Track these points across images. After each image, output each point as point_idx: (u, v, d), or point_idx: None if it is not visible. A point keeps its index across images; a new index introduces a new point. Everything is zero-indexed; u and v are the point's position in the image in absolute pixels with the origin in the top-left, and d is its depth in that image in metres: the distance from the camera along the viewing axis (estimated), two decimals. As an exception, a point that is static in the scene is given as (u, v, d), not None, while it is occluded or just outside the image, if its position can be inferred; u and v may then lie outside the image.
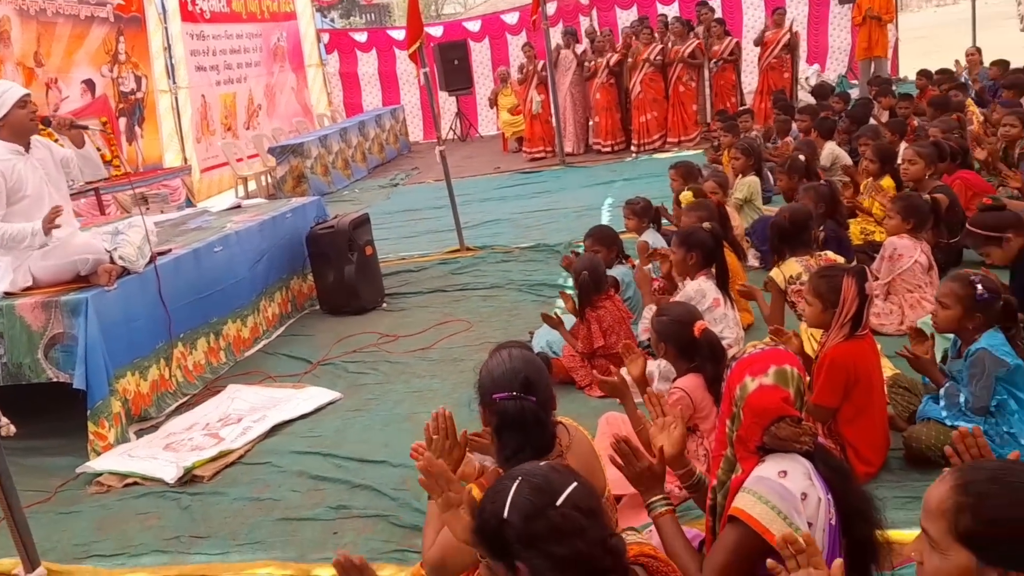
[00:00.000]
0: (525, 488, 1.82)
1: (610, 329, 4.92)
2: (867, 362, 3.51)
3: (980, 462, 1.72)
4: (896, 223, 5.27)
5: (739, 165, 7.59)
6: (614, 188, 10.79)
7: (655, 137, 13.25)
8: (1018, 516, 1.56)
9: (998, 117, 7.73)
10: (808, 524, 2.21)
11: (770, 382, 2.37)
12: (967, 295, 3.51)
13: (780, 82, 12.89)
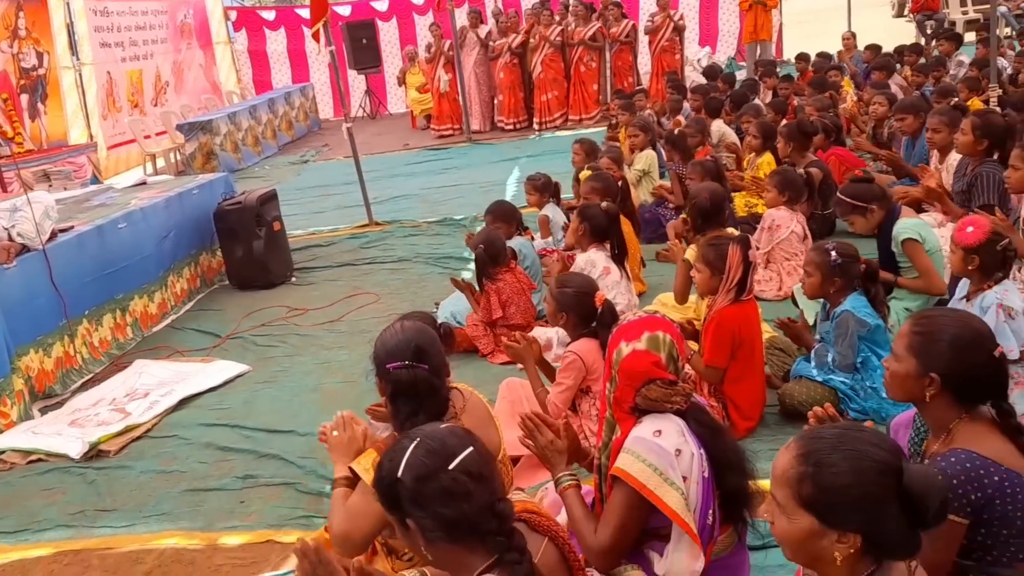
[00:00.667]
0: (421, 450, 1.82)
1: (509, 300, 4.94)
2: (751, 325, 3.63)
3: (822, 430, 1.77)
4: (773, 196, 5.43)
5: (637, 142, 7.68)
6: (519, 164, 10.82)
7: (557, 115, 13.32)
8: (853, 483, 1.61)
9: (868, 97, 8.03)
10: (683, 478, 2.28)
11: (643, 347, 2.43)
12: (824, 262, 3.68)
13: (672, 63, 13.09)
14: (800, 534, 1.67)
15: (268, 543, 3.43)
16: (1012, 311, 3.63)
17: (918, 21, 16.68)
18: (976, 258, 3.65)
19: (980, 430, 2.28)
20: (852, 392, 3.70)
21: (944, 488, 1.64)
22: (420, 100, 15.07)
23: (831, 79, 9.58)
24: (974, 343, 2.28)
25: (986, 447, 2.23)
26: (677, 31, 13.29)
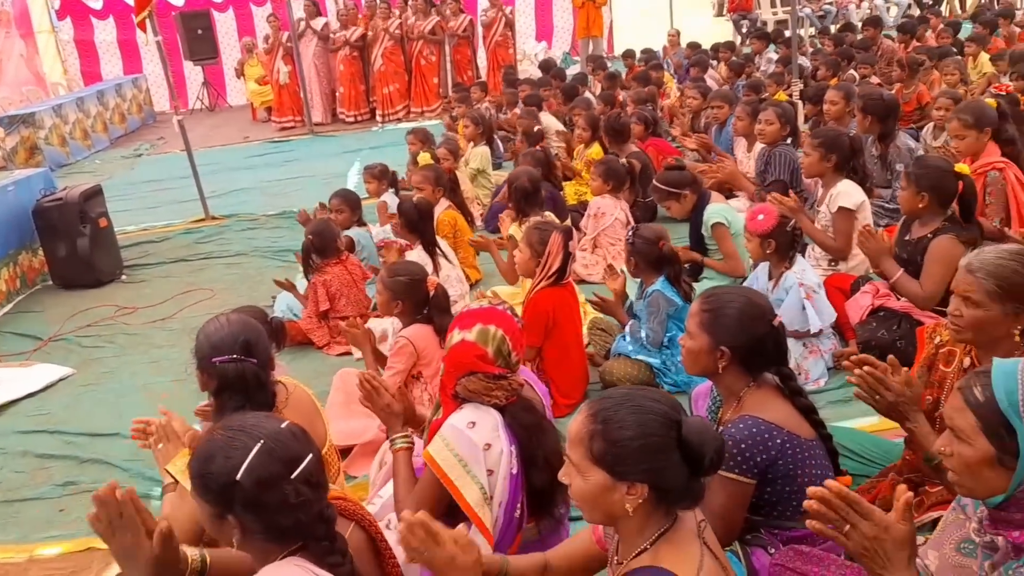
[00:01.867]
0: (265, 454, 1.72)
1: (338, 293, 4.85)
2: (566, 307, 3.71)
3: (609, 391, 1.84)
4: (598, 185, 5.58)
5: (469, 133, 7.72)
6: (360, 156, 10.63)
7: (399, 108, 13.19)
8: (637, 435, 1.68)
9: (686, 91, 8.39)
10: (489, 472, 2.30)
11: (472, 338, 2.43)
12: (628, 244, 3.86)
13: (507, 58, 13.22)
14: (595, 489, 1.72)
15: (88, 551, 3.23)
16: (812, 289, 3.90)
17: (734, 21, 17.56)
18: (772, 242, 3.89)
19: (766, 397, 2.43)
20: (664, 367, 3.86)
21: (718, 438, 1.73)
22: (260, 92, 14.54)
23: (653, 75, 9.93)
24: (757, 315, 2.42)
25: (771, 413, 2.37)
26: (509, 26, 13.42)
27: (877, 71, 9.24)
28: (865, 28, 11.52)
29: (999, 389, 1.66)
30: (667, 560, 1.69)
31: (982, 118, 4.61)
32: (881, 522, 1.74)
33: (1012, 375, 1.67)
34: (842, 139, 4.50)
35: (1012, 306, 2.39)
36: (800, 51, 11.06)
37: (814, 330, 3.82)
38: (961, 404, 1.72)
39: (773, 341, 2.42)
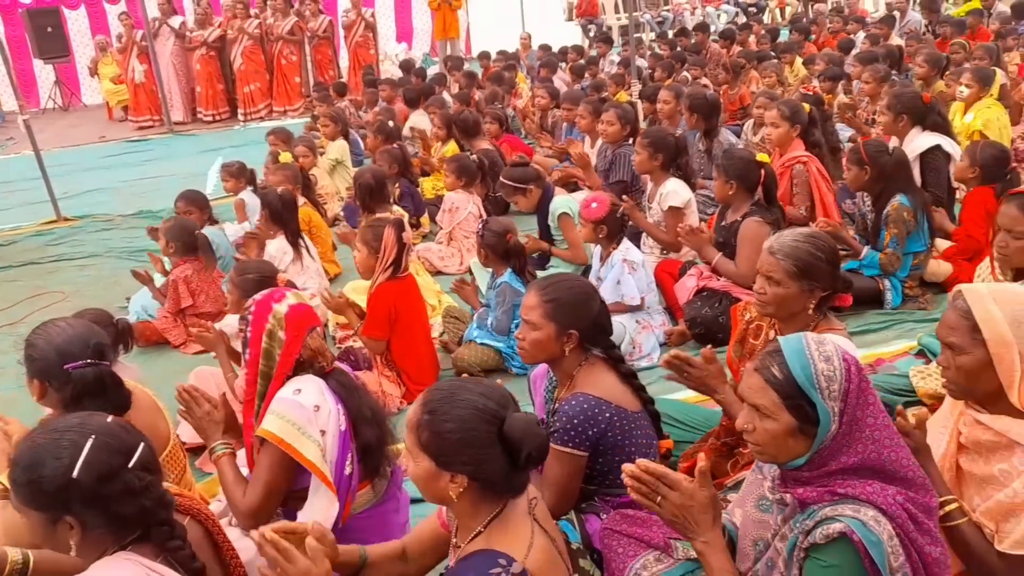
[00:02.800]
0: (101, 450, 1.65)
1: (198, 289, 4.66)
2: (408, 298, 3.68)
3: (442, 383, 1.84)
4: (452, 180, 5.59)
5: (329, 132, 7.55)
6: (222, 154, 10.18)
7: (261, 106, 12.76)
8: (459, 428, 1.70)
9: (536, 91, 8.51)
10: (322, 432, 2.28)
11: (295, 302, 2.42)
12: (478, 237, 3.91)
13: (368, 58, 13.02)
14: (424, 474, 1.74)
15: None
16: (634, 264, 4.04)
17: (582, 25, 17.94)
18: (604, 228, 4.01)
19: (596, 373, 2.51)
20: (512, 352, 3.92)
21: (540, 435, 1.74)
22: (115, 91, 13.71)
23: (507, 75, 10.02)
24: (590, 295, 2.51)
25: (600, 388, 2.45)
26: (369, 28, 13.22)
27: (707, 73, 9.67)
28: (696, 33, 12.02)
29: (795, 367, 1.75)
30: (499, 542, 1.72)
31: (796, 115, 4.91)
32: (687, 491, 1.83)
33: (802, 352, 1.77)
34: (668, 139, 4.68)
35: (807, 283, 2.57)
36: (639, 54, 11.44)
37: (634, 302, 3.95)
38: (762, 383, 1.79)
39: (605, 316, 2.51)
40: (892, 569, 1.68)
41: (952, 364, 2.05)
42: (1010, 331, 1.96)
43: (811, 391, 1.72)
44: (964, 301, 2.03)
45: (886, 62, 7.87)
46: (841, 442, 1.74)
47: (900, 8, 12.13)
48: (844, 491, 1.73)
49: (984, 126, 6.01)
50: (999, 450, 2.03)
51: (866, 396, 1.76)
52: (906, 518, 1.72)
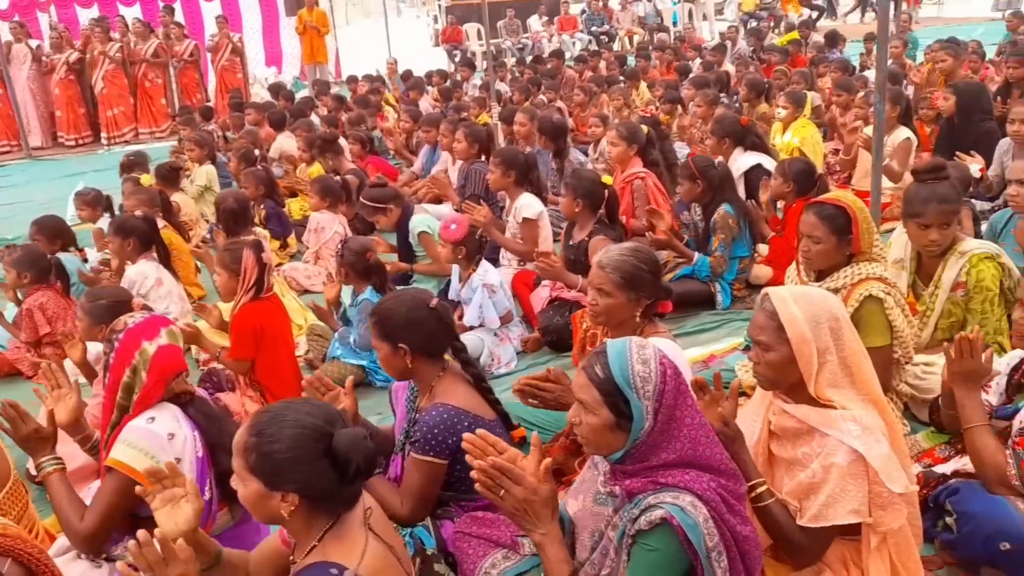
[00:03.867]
0: None
1: (55, 316, 4.34)
2: (272, 318, 3.57)
3: (271, 405, 1.80)
4: (316, 201, 5.47)
5: (195, 156, 7.24)
6: (84, 179, 9.56)
7: (126, 130, 12.08)
8: (286, 448, 1.66)
9: (404, 114, 8.47)
10: (177, 459, 2.20)
11: (165, 342, 2.30)
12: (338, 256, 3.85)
13: (235, 82, 12.60)
14: (254, 496, 1.69)
15: None
16: (494, 287, 4.08)
17: (447, 51, 18.04)
18: (463, 248, 4.04)
19: (453, 384, 2.52)
20: (375, 367, 3.87)
21: (367, 448, 1.72)
22: (-33, 116, 12.62)
23: (374, 99, 9.92)
24: (414, 306, 2.50)
25: (458, 398, 2.46)
26: (236, 52, 12.80)
27: (562, 96, 9.92)
28: (552, 59, 12.31)
29: (614, 367, 1.82)
30: (333, 554, 1.69)
31: (633, 135, 5.11)
32: (530, 486, 1.86)
33: (623, 355, 1.84)
34: (518, 157, 4.77)
35: (633, 293, 2.66)
36: (500, 78, 11.61)
37: (495, 325, 4.00)
38: (586, 381, 1.86)
39: (437, 321, 2.50)
40: (708, 548, 1.76)
41: (762, 359, 2.18)
42: (809, 330, 2.10)
43: (627, 390, 1.79)
44: (771, 303, 2.16)
45: (716, 86, 8.33)
46: (659, 439, 1.82)
47: (731, 38, 12.87)
48: (665, 480, 1.81)
49: (801, 143, 6.45)
50: (802, 435, 2.16)
51: (683, 398, 1.84)
52: (719, 502, 1.81)
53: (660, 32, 15.86)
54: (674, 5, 19.46)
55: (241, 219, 4.93)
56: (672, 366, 1.86)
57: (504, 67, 12.89)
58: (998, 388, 2.58)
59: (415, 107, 8.82)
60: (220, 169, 7.63)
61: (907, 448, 2.30)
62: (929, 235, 3.18)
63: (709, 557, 1.76)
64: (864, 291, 2.92)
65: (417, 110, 8.49)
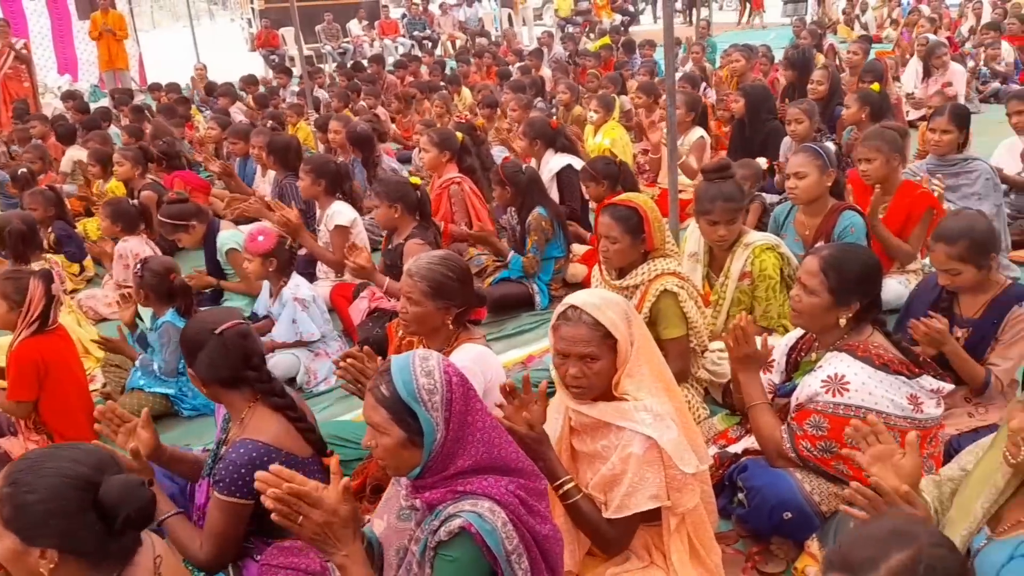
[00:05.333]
0: None
1: None
2: (59, 352, 3.27)
3: (30, 452, 1.64)
4: (107, 225, 5.02)
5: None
6: None
7: None
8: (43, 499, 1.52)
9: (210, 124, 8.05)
10: None
11: None
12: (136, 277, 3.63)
13: (22, 91, 11.48)
14: (8, 554, 1.54)
15: None
16: (306, 301, 3.96)
17: (264, 56, 17.39)
18: (273, 260, 3.89)
19: (265, 417, 2.37)
20: (181, 395, 3.65)
21: (141, 498, 1.61)
22: None
23: (180, 108, 9.39)
24: (202, 331, 2.36)
25: (269, 434, 2.32)
26: (21, 59, 11.66)
27: (382, 102, 9.83)
28: (371, 64, 12.18)
29: (399, 383, 1.80)
30: None
31: (446, 141, 5.14)
32: (329, 508, 1.80)
33: (407, 368, 1.83)
34: (329, 165, 4.68)
35: (442, 301, 2.67)
36: (319, 84, 11.35)
37: (313, 338, 3.90)
38: (373, 402, 1.83)
39: (222, 347, 2.34)
40: (508, 552, 1.79)
41: (589, 372, 2.19)
42: (625, 328, 2.19)
43: (414, 404, 1.78)
44: (587, 315, 2.19)
45: (532, 91, 8.57)
46: (453, 447, 1.82)
47: (547, 43, 13.28)
48: (464, 488, 1.82)
49: (611, 145, 6.75)
50: (600, 428, 2.25)
51: (472, 403, 1.86)
52: (518, 504, 1.84)
53: (481, 37, 16.10)
54: (494, 11, 19.85)
55: (30, 243, 4.49)
56: (457, 373, 1.87)
57: (323, 73, 12.60)
58: (779, 367, 2.81)
59: (224, 115, 8.41)
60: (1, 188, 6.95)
61: (698, 430, 2.44)
62: (717, 231, 3.43)
63: (509, 560, 1.79)
64: (660, 286, 3.10)
65: (225, 118, 8.10)
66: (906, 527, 1.32)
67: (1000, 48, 9.68)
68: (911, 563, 1.24)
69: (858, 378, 2.35)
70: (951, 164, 4.37)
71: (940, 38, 10.27)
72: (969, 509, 1.96)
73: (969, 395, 2.96)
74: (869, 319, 2.52)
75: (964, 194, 4.25)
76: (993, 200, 4.22)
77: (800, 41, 10.89)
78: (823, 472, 2.44)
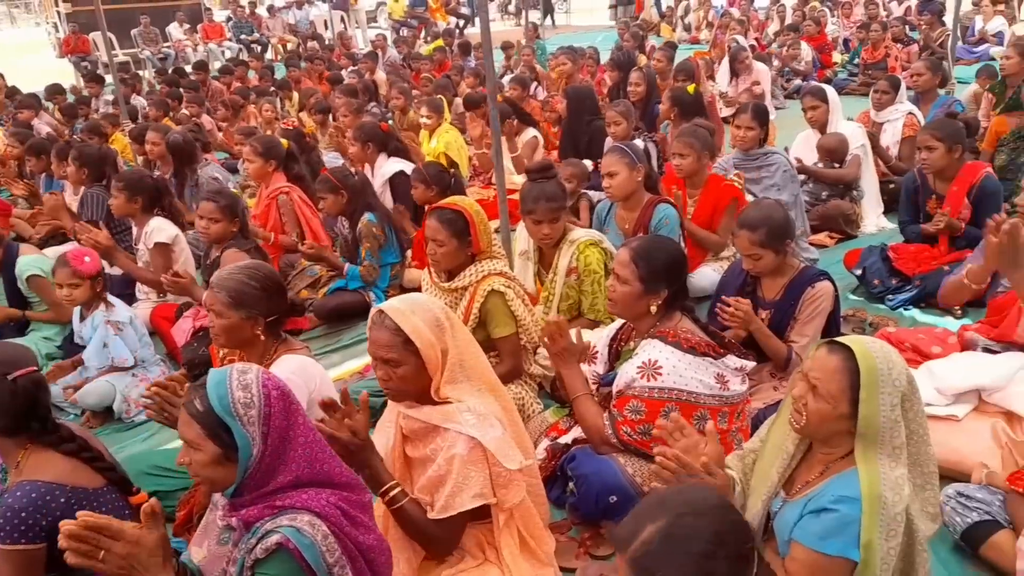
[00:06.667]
0: None
1: None
2: None
3: None
4: None
5: None
6: None
7: None
8: None
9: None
10: None
11: None
12: None
13: None
14: None
15: None
16: (120, 324, 3.73)
17: (74, 62, 16.16)
18: (101, 281, 3.68)
19: (45, 456, 2.20)
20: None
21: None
22: None
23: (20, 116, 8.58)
24: None
25: (51, 472, 2.16)
26: None
27: (208, 110, 9.40)
28: (195, 71, 11.61)
29: (213, 396, 1.76)
30: None
31: (270, 150, 4.97)
32: (132, 537, 1.71)
33: (223, 382, 1.78)
34: (145, 181, 4.43)
35: (246, 312, 2.57)
36: (137, 92, 10.70)
37: (128, 363, 3.69)
38: (187, 418, 1.78)
39: (11, 396, 2.15)
40: (329, 564, 1.77)
41: (393, 376, 2.23)
42: (431, 334, 2.21)
43: (229, 419, 1.74)
44: (390, 319, 2.21)
45: (365, 95, 8.49)
46: (273, 462, 1.79)
47: (380, 46, 13.17)
48: (283, 503, 1.79)
49: (446, 148, 6.81)
50: (429, 433, 2.27)
51: (293, 418, 1.83)
52: (339, 515, 1.83)
53: (313, 40, 15.72)
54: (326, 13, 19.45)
55: None
56: (277, 387, 1.84)
57: (140, 80, 11.87)
58: (602, 358, 2.95)
59: (27, 129, 7.75)
60: None
61: (524, 428, 2.51)
62: (542, 229, 3.55)
63: (331, 573, 1.77)
64: (488, 286, 3.17)
65: (27, 132, 7.45)
66: (668, 497, 1.43)
67: (800, 48, 10.57)
68: (658, 533, 1.34)
69: (669, 362, 2.50)
70: (754, 158, 4.74)
71: (748, 40, 11.08)
72: (767, 475, 2.15)
73: (774, 371, 3.22)
74: (678, 306, 2.69)
75: (766, 185, 4.62)
76: (791, 190, 4.61)
77: (624, 43, 11.42)
78: (644, 454, 2.58)
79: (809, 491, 2.01)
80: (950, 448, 2.77)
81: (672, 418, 2.08)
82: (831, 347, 1.94)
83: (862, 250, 4.45)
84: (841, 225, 5.16)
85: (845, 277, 4.43)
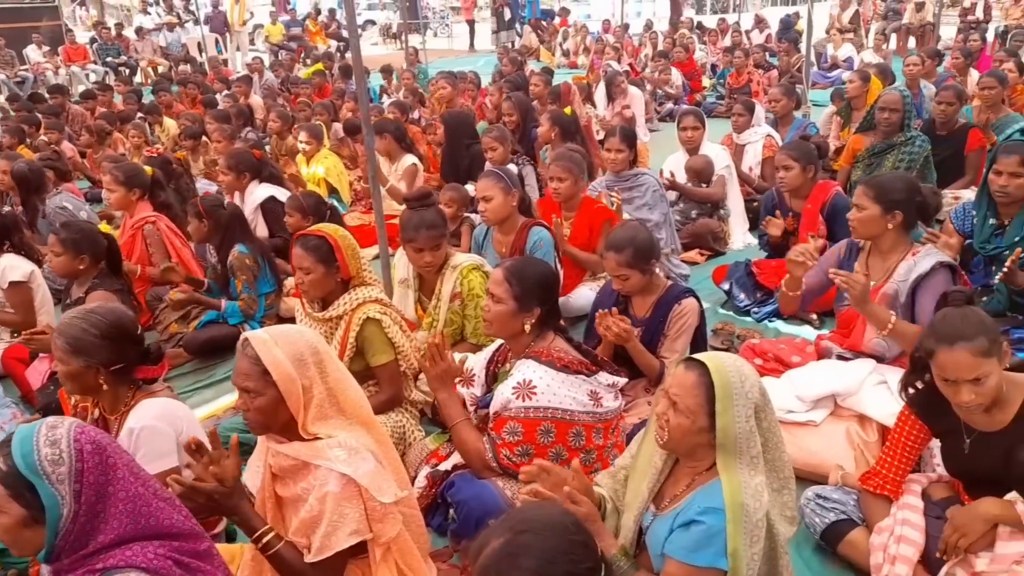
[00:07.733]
0: None
1: None
2: None
3: None
4: None
5: None
6: None
7: None
8: None
9: None
10: None
11: None
12: None
13: None
14: None
15: None
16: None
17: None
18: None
19: None
20: None
21: None
22: None
23: None
24: None
25: None
26: None
27: (69, 136, 8.90)
28: (53, 96, 10.97)
29: (17, 455, 1.65)
30: None
31: (132, 178, 4.73)
32: None
33: (29, 439, 1.67)
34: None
35: (84, 359, 2.42)
36: (-12, 118, 10.00)
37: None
38: None
39: None
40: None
41: (251, 407, 2.15)
42: (293, 369, 2.13)
43: (34, 477, 1.63)
44: (252, 348, 2.14)
45: (240, 120, 8.25)
46: (89, 521, 1.68)
47: (257, 69, 12.85)
48: (106, 564, 1.67)
49: (326, 173, 6.71)
50: (299, 471, 2.20)
51: (112, 472, 1.72)
52: (171, 566, 1.73)
53: (185, 63, 15.17)
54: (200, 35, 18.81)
55: None
56: (92, 441, 1.71)
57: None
58: (480, 380, 2.95)
59: None
60: None
61: (399, 459, 2.46)
62: (424, 257, 3.54)
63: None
64: (363, 314, 3.12)
65: None
66: (515, 515, 1.51)
67: (670, 74, 11.05)
68: (499, 548, 1.44)
69: (543, 381, 2.53)
70: (625, 179, 4.89)
71: (622, 66, 11.49)
72: (639, 491, 2.20)
73: (648, 386, 3.31)
74: (551, 326, 2.73)
75: (637, 205, 4.78)
76: (661, 208, 4.79)
77: (503, 67, 11.60)
78: (523, 476, 2.58)
79: (677, 505, 2.07)
80: (809, 452, 2.92)
81: (535, 463, 2.11)
82: (688, 364, 2.01)
83: (729, 266, 4.66)
84: (710, 242, 5.39)
85: (715, 292, 4.63)
